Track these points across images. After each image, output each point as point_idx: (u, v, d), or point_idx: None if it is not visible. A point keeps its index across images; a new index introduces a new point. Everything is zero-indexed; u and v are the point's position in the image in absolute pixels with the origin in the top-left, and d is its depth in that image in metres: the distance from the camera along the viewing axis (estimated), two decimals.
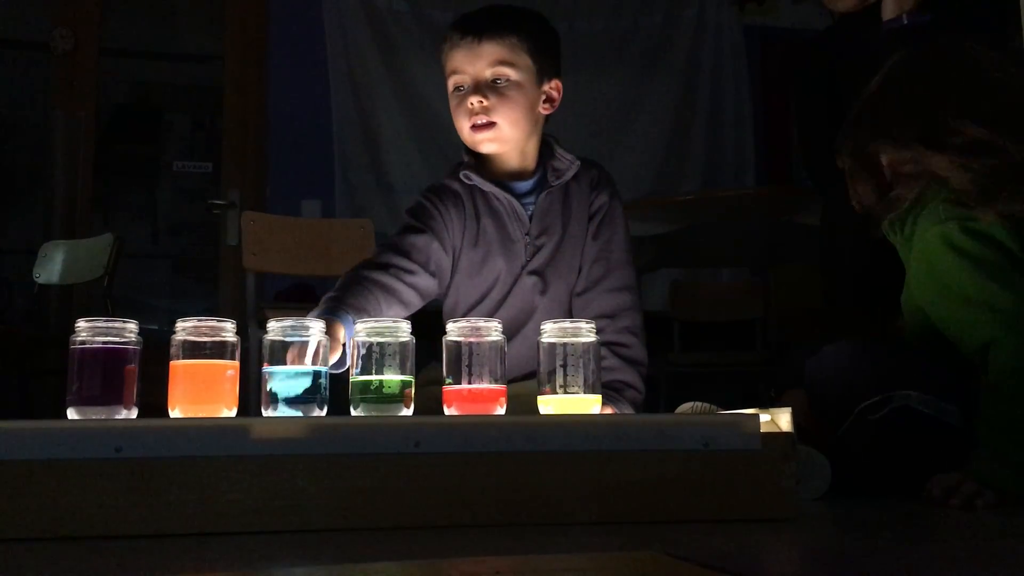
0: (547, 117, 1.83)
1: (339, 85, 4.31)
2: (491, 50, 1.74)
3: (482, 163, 1.83)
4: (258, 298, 3.02)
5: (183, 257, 5.10)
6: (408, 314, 1.72)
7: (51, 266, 3.53)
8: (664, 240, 3.48)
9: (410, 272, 1.72)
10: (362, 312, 1.61)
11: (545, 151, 1.84)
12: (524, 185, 1.82)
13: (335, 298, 1.62)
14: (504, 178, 1.82)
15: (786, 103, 4.49)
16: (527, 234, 1.79)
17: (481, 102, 1.73)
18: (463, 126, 1.77)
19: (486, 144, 1.77)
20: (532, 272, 1.78)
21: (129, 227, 4.83)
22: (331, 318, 1.52)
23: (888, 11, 2.13)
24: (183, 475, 1.09)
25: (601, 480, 1.17)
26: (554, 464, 1.16)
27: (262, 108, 4.31)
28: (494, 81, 1.74)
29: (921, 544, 1.11)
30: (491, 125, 1.74)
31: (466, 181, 1.81)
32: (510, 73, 1.75)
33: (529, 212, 1.80)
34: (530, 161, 1.83)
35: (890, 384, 1.55)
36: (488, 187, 1.80)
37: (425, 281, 1.75)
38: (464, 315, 1.81)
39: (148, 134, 5.06)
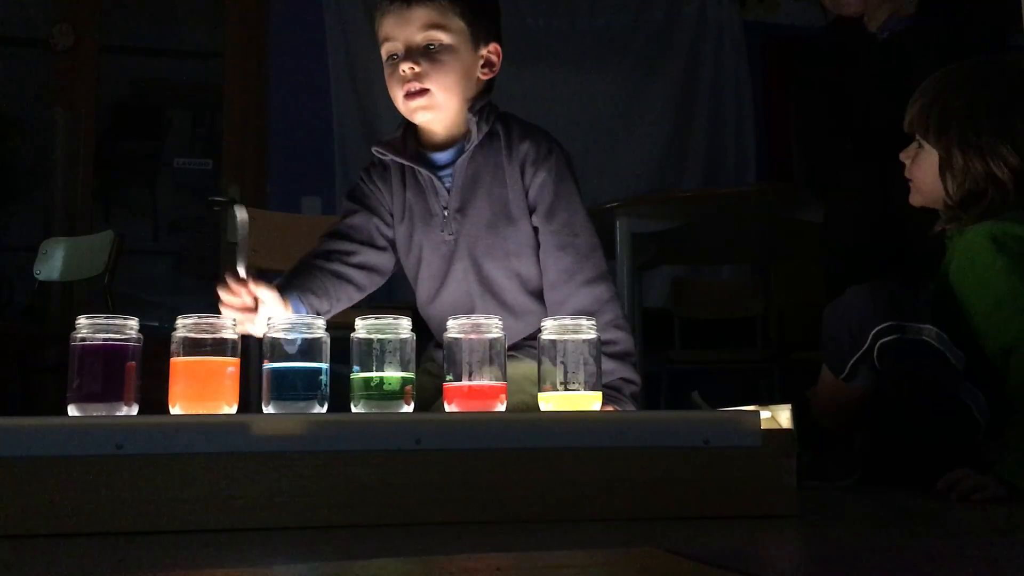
0: (489, 82, 1.74)
1: (339, 82, 4.31)
2: (421, 14, 1.65)
3: (414, 135, 1.76)
4: None
5: (183, 254, 5.10)
6: (370, 291, 1.72)
7: (51, 263, 3.53)
8: (665, 237, 3.47)
9: (353, 253, 1.71)
10: (308, 292, 1.61)
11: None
12: (443, 156, 1.73)
13: (283, 282, 1.62)
14: (431, 149, 1.75)
15: (787, 99, 4.48)
16: (445, 208, 1.71)
17: (412, 68, 1.64)
18: (397, 95, 1.69)
19: (420, 113, 1.68)
20: (463, 256, 1.70)
21: (129, 224, 4.83)
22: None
23: (872, 26, 2.16)
24: (183, 472, 1.09)
25: (602, 477, 1.17)
26: (555, 461, 1.16)
27: (262, 105, 4.30)
28: (427, 47, 1.66)
29: (924, 540, 1.11)
30: (424, 92, 1.66)
31: (380, 156, 1.76)
32: (442, 37, 1.66)
33: (447, 184, 1.72)
34: (456, 131, 1.73)
35: (905, 317, 1.59)
36: (402, 160, 1.73)
37: (374, 258, 1.73)
38: (415, 295, 1.79)
39: (148, 131, 5.06)
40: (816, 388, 1.78)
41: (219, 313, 1.43)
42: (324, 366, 1.25)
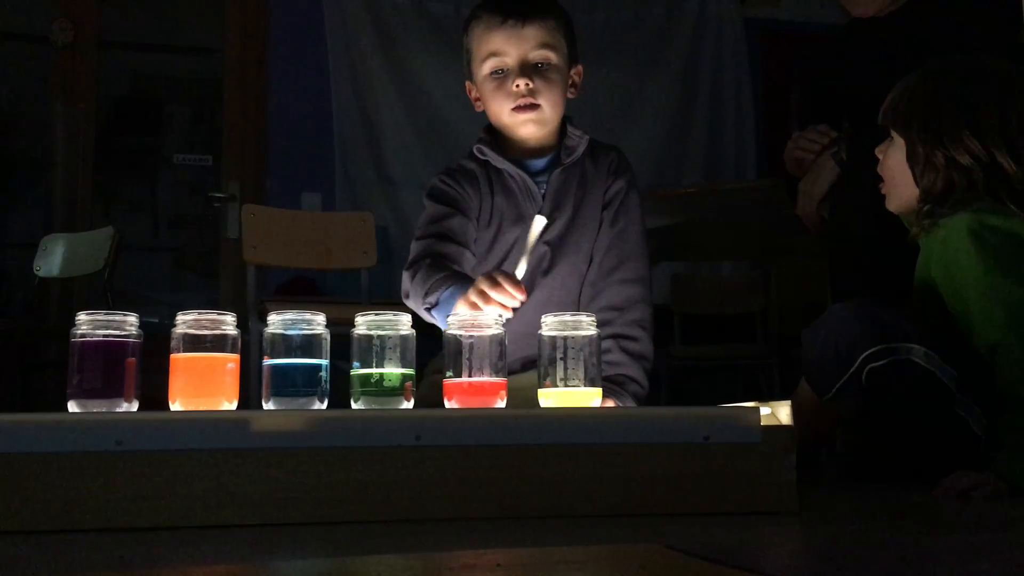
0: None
1: (339, 77, 4.30)
2: (535, 33, 1.74)
3: (499, 143, 1.83)
4: (258, 291, 3.02)
5: (183, 250, 5.10)
6: None
7: (52, 259, 3.53)
8: (665, 233, 3.48)
9: (463, 258, 1.74)
10: None
11: (561, 131, 1.84)
12: (538, 163, 1.82)
13: (453, 275, 1.62)
14: (521, 157, 1.82)
15: (787, 96, 4.47)
16: (540, 212, 1.77)
17: (528, 84, 1.73)
18: (504, 108, 1.76)
19: (527, 125, 1.76)
20: (544, 257, 1.77)
21: (129, 220, 4.83)
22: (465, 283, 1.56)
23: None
24: (183, 468, 1.09)
25: (601, 473, 1.17)
26: (554, 457, 1.16)
27: (262, 100, 4.30)
28: (537, 64, 1.75)
29: (923, 536, 1.11)
30: (535, 107, 1.74)
31: (479, 156, 1.81)
32: (552, 56, 1.76)
33: (542, 191, 1.80)
34: (548, 142, 1.83)
35: (893, 338, 1.55)
36: (502, 164, 1.80)
37: (471, 264, 1.77)
38: None
39: (148, 126, 5.05)
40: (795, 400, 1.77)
41: (216, 310, 1.42)
42: (324, 362, 1.25)
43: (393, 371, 1.26)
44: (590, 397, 1.31)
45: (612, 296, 1.76)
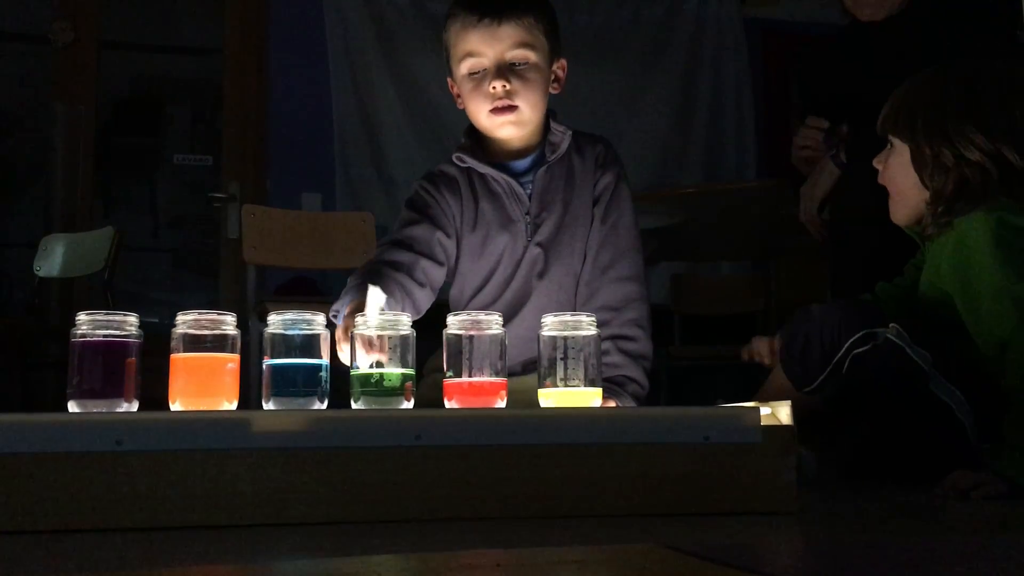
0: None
1: (339, 78, 4.31)
2: (511, 32, 1.69)
3: (482, 144, 1.79)
4: (258, 291, 3.02)
5: (183, 250, 5.11)
6: (419, 316, 1.69)
7: (52, 259, 3.53)
8: (665, 233, 3.47)
9: (415, 266, 1.70)
10: (387, 297, 1.56)
11: (544, 127, 1.80)
12: (522, 164, 1.78)
13: (361, 284, 1.57)
14: (504, 158, 1.78)
15: (787, 96, 4.48)
16: (527, 214, 1.76)
17: (505, 86, 1.68)
18: (481, 110, 1.72)
19: (506, 127, 1.72)
20: (537, 259, 1.75)
21: (129, 220, 4.83)
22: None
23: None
24: (183, 468, 1.09)
25: (601, 473, 1.17)
26: (554, 457, 1.16)
27: (262, 101, 4.30)
28: (512, 64, 1.70)
29: (922, 537, 1.11)
30: (513, 108, 1.70)
31: (459, 164, 1.78)
32: (530, 56, 1.71)
33: (528, 191, 1.76)
34: (532, 140, 1.79)
35: (875, 324, 1.61)
36: (484, 169, 1.76)
37: (433, 273, 1.73)
38: (470, 299, 1.79)
39: (148, 127, 5.05)
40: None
41: (216, 310, 1.42)
42: (324, 362, 1.25)
43: (393, 371, 1.26)
44: (590, 397, 1.31)
45: (608, 295, 1.73)
